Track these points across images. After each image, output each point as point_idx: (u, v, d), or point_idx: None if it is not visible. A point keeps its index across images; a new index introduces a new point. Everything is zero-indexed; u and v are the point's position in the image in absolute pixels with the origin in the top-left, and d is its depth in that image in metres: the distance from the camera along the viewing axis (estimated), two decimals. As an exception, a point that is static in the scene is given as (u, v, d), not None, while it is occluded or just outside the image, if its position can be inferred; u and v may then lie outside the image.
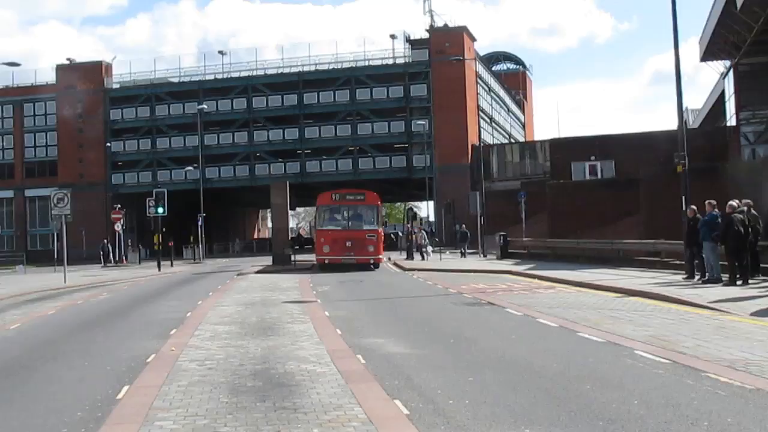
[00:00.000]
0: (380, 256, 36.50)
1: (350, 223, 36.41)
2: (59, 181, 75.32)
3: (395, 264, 40.37)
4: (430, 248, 45.80)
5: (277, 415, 8.22)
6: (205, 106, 68.62)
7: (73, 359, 12.54)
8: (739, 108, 51.48)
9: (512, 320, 15.75)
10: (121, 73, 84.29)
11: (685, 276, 22.28)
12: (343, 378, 9.99)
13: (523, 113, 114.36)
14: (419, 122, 66.28)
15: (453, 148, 71.48)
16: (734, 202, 20.28)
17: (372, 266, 35.61)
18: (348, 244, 35.00)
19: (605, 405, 8.18)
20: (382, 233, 37.92)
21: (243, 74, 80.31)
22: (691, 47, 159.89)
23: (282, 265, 40.12)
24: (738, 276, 19.99)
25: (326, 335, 14.03)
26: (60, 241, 41.55)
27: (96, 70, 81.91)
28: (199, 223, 60.74)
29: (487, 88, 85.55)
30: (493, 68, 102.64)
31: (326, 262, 35.29)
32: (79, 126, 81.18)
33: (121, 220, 58.62)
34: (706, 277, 21.11)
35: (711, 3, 45.58)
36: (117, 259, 59.12)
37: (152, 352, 12.54)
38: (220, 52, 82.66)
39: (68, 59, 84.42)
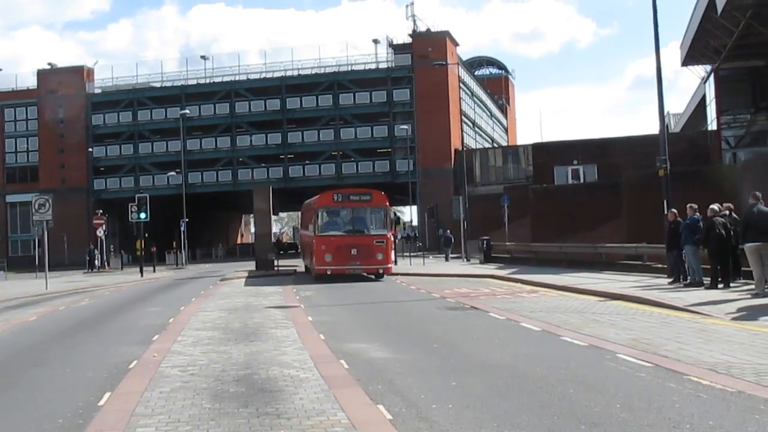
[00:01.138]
0: (390, 265, 31.60)
1: (355, 227, 31.32)
2: (41, 187, 75.02)
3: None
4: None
5: (260, 420, 8.18)
6: (188, 111, 68.42)
7: (54, 366, 12.45)
8: (719, 112, 51.82)
9: (495, 324, 15.75)
10: (103, 78, 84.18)
11: (669, 280, 22.36)
12: (326, 383, 9.96)
13: (506, 118, 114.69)
14: (402, 127, 66.36)
15: (436, 152, 71.63)
16: (716, 206, 20.38)
17: (379, 276, 31.25)
18: (353, 251, 30.27)
19: (588, 408, 8.19)
20: (392, 238, 33.10)
21: (226, 79, 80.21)
22: (672, 52, 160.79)
23: (265, 270, 39.99)
24: (719, 279, 20.08)
25: (309, 340, 13.99)
26: (41, 247, 41.34)
27: (78, 75, 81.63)
28: (182, 228, 60.59)
29: (469, 93, 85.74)
30: (476, 73, 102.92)
31: (328, 272, 30.36)
32: (61, 131, 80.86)
33: (103, 226, 58.36)
34: (688, 281, 21.20)
35: (692, 8, 45.88)
36: (99, 264, 58.86)
37: (134, 359, 12.47)
38: (203, 57, 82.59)
39: (49, 64, 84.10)
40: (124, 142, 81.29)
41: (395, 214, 31.50)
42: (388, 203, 32.16)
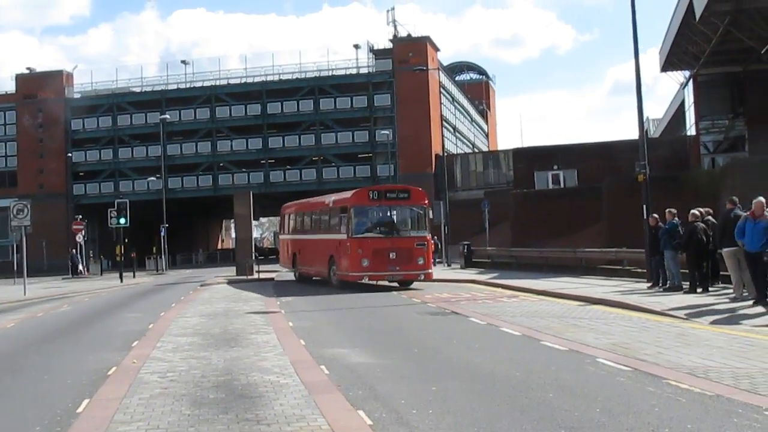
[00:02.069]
0: (431, 270, 28.36)
1: (393, 228, 28.39)
2: (19, 192, 74.39)
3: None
4: None
5: (240, 427, 8.15)
6: (168, 116, 68.19)
7: (32, 373, 12.36)
8: (698, 118, 52.14)
9: (476, 329, 15.77)
10: (83, 83, 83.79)
11: (649, 285, 22.48)
12: (307, 389, 9.94)
13: (487, 123, 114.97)
14: (383, 132, 66.41)
15: (417, 157, 71.72)
16: (697, 211, 20.52)
17: (403, 284, 28.55)
18: (392, 255, 27.09)
19: (568, 413, 8.21)
20: (432, 240, 30.08)
21: (206, 84, 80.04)
22: (651, 58, 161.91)
23: (246, 275, 39.90)
24: (698, 284, 20.21)
25: (290, 346, 13.96)
26: (20, 253, 41.03)
27: (57, 80, 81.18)
28: (162, 233, 60.34)
29: (450, 98, 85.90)
30: (457, 78, 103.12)
31: (365, 279, 27.44)
32: (40, 136, 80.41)
33: (83, 231, 57.99)
34: (667, 285, 21.32)
35: (671, 15, 46.17)
36: (84, 270, 58.47)
37: (113, 365, 12.39)
38: (183, 62, 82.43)
39: (28, 68, 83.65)
40: (103, 147, 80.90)
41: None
42: (427, 201, 29.09)
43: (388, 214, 28.50)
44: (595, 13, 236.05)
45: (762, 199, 16.70)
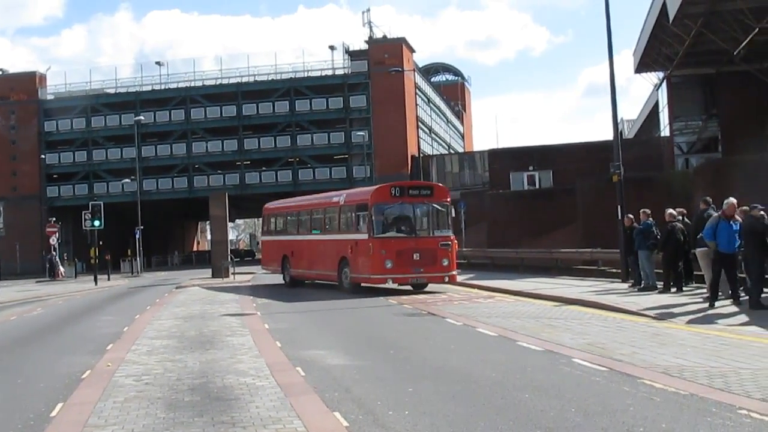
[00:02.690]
0: (455, 272, 26.56)
1: (416, 227, 26.48)
2: (-9, 195, 73.80)
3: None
4: None
5: (215, 429, 8.13)
6: (143, 118, 67.77)
7: (4, 376, 12.26)
8: (672, 119, 52.48)
9: (452, 330, 15.80)
10: (56, 84, 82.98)
11: (629, 285, 22.60)
12: (283, 391, 9.92)
13: (462, 124, 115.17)
14: (359, 133, 66.38)
15: (393, 158, 71.68)
16: (673, 211, 20.67)
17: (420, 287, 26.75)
18: (415, 256, 25.30)
19: (543, 413, 8.25)
20: (456, 241, 27.60)
21: (181, 85, 79.56)
22: (625, 59, 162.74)
23: (222, 277, 39.76)
24: (672, 284, 20.36)
25: (266, 348, 13.93)
26: (-7, 256, 40.68)
27: (30, 81, 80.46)
28: (137, 235, 59.97)
29: (426, 99, 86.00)
30: (432, 79, 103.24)
31: (389, 282, 25.69)
32: (12, 138, 79.64)
33: (57, 234, 57.51)
34: (642, 285, 21.45)
35: (644, 16, 46.45)
36: (63, 272, 57.93)
37: (88, 368, 12.32)
38: (158, 63, 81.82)
39: (1, 70, 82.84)
40: (77, 149, 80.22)
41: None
42: (449, 198, 27.34)
43: (411, 212, 26.41)
44: (570, 16, 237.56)
45: (734, 200, 16.83)
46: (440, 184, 28.25)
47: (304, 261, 31.18)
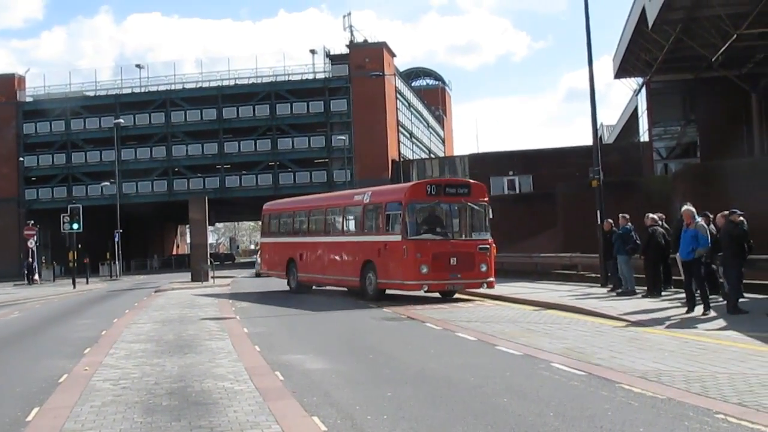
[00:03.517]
0: (493, 279, 23.84)
1: (453, 229, 23.91)
2: (-31, 198, 73.23)
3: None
4: None
5: (193, 434, 8.09)
6: (122, 121, 67.42)
7: (-19, 381, 12.16)
8: (651, 124, 52.86)
9: (431, 335, 15.81)
10: (35, 87, 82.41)
11: (608, 289, 22.68)
12: (261, 395, 9.89)
13: (443, 128, 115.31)
14: (339, 137, 66.33)
15: (373, 162, 71.64)
16: (654, 215, 20.76)
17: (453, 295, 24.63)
18: (452, 261, 22.99)
19: (522, 418, 8.25)
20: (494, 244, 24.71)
21: (161, 88, 79.18)
22: (604, 65, 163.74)
23: (201, 281, 39.61)
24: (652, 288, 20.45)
25: (244, 352, 13.88)
26: (-30, 259, 40.34)
27: (8, 83, 79.86)
28: (116, 239, 59.67)
29: (406, 104, 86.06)
30: (413, 84, 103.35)
31: (424, 289, 23.19)
32: (-10, 140, 79.06)
33: (35, 237, 57.13)
34: (621, 290, 21.53)
35: (624, 22, 46.74)
36: (33, 279, 57.54)
37: (65, 372, 12.23)
38: (138, 66, 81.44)
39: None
40: (56, 152, 79.72)
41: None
42: (487, 197, 24.86)
43: (448, 212, 23.91)
44: (550, 21, 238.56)
45: (690, 207, 16.92)
46: (478, 182, 25.66)
47: (316, 265, 28.66)
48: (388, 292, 24.63)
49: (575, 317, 17.57)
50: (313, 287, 29.74)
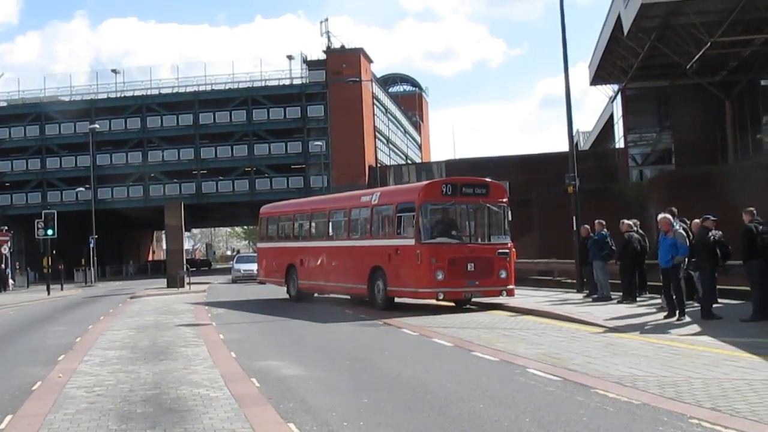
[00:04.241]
0: (513, 286, 22.23)
1: (470, 232, 22.35)
2: (-59, 203, 72.57)
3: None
4: None
5: (168, 441, 8.05)
6: (98, 126, 67.01)
7: (-47, 388, 12.03)
8: (626, 131, 53.16)
9: (408, 341, 15.82)
10: (9, 91, 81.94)
11: (584, 295, 22.76)
12: (237, 402, 9.85)
13: (420, 135, 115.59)
14: (316, 143, 66.34)
15: (350, 168, 71.70)
16: (629, 221, 20.87)
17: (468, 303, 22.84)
18: (470, 266, 21.31)
19: (497, 423, 8.27)
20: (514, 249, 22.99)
21: (137, 93, 78.97)
22: (580, 72, 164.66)
23: (177, 287, 39.43)
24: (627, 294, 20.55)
25: (220, 359, 13.82)
26: (-58, 265, 39.91)
27: (-18, 88, 79.33)
28: (91, 245, 59.30)
29: (383, 110, 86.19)
30: (390, 90, 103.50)
31: (440, 297, 21.43)
32: (-37, 145, 78.44)
33: (8, 243, 56.58)
34: (597, 295, 21.61)
35: (599, 30, 47.04)
36: (13, 283, 56.94)
37: (38, 379, 12.12)
38: (114, 71, 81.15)
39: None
40: (30, 157, 79.15)
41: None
42: (506, 198, 23.07)
43: (465, 213, 22.34)
44: (526, 28, 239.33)
45: (667, 215, 17.06)
46: (497, 182, 23.85)
47: (319, 271, 26.86)
48: (397, 300, 22.87)
49: (551, 323, 17.63)
50: (315, 295, 28.25)
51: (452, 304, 22.43)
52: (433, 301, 21.86)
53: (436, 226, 21.76)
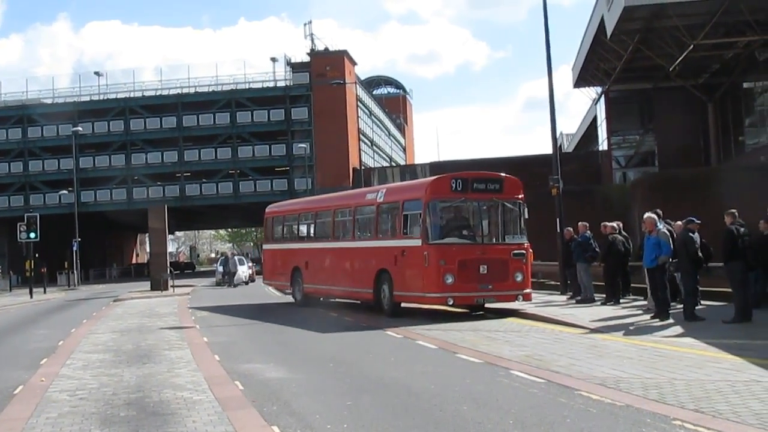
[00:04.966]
0: (530, 291, 20.57)
1: (483, 232, 20.72)
2: None
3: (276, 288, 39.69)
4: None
5: (151, 445, 8.01)
6: (81, 128, 66.71)
7: (-66, 392, 11.94)
8: (610, 133, 53.38)
9: (392, 343, 15.80)
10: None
11: (568, 297, 22.81)
12: (220, 405, 9.82)
13: (404, 137, 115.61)
14: (300, 145, 66.18)
15: (334, 171, 71.59)
16: (612, 224, 20.93)
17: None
18: (482, 269, 19.54)
19: (481, 425, 8.27)
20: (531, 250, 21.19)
21: (120, 96, 78.55)
22: (563, 74, 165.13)
23: (161, 290, 39.29)
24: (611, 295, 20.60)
25: (204, 361, 13.78)
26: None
27: (-37, 91, 78.82)
28: (74, 248, 59.01)
29: (368, 112, 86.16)
30: (374, 92, 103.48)
31: (450, 302, 19.80)
32: (-55, 148, 77.90)
33: (-9, 246, 56.35)
34: (580, 297, 21.66)
35: (583, 32, 47.20)
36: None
37: (20, 383, 12.05)
38: (97, 74, 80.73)
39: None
40: (12, 160, 78.63)
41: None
42: (522, 194, 21.12)
43: (476, 211, 20.62)
44: (509, 31, 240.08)
45: (652, 215, 17.14)
46: (511, 176, 21.55)
47: (324, 275, 25.25)
48: (405, 305, 21.15)
49: (535, 325, 17.65)
50: (321, 299, 26.39)
51: (465, 310, 21.08)
52: (446, 307, 20.48)
53: (445, 226, 20.23)
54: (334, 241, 24.91)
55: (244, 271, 47.51)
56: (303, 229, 28.06)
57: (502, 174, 21.25)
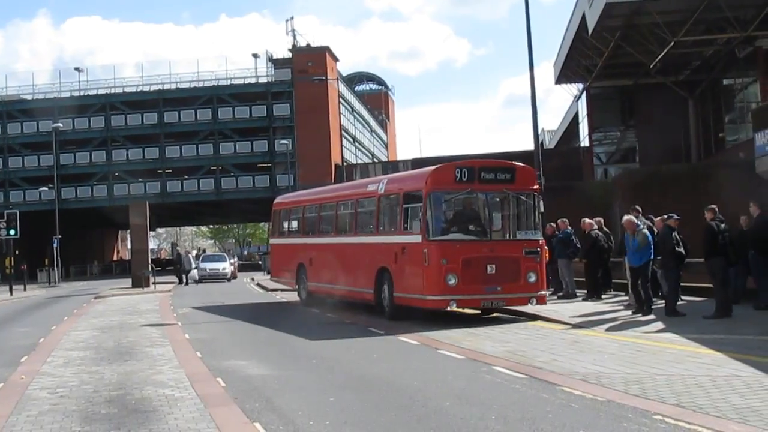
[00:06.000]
0: (544, 292, 18.53)
1: (492, 227, 18.46)
2: None
3: (258, 284, 39.85)
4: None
5: (132, 442, 7.98)
6: (61, 125, 66.18)
7: None
8: (591, 129, 53.56)
9: (375, 339, 15.80)
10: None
11: (549, 293, 22.81)
12: (202, 402, 9.79)
13: (386, 133, 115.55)
14: (282, 141, 65.99)
15: (316, 167, 71.42)
16: (593, 220, 21.01)
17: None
18: (490, 269, 17.47)
19: (464, 421, 8.28)
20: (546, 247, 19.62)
21: (101, 92, 78.05)
22: (544, 71, 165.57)
23: (142, 287, 39.14)
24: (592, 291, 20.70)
25: (186, 358, 13.73)
26: None
27: (-58, 87, 78.14)
28: (55, 245, 58.69)
29: (349, 108, 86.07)
30: (356, 88, 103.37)
31: (452, 306, 17.79)
32: None
33: (-30, 243, 55.88)
34: (562, 293, 21.75)
35: (564, 29, 47.35)
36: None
37: (0, 381, 11.98)
38: (77, 69, 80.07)
39: None
40: (-8, 156, 78.18)
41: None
42: (537, 185, 19.35)
43: (484, 204, 18.25)
44: (490, 28, 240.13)
45: (630, 217, 17.24)
46: (524, 165, 19.57)
47: (327, 273, 23.41)
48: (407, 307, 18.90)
49: (517, 320, 17.71)
50: (327, 300, 23.57)
51: (477, 311, 19.50)
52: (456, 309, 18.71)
53: (448, 220, 18.28)
54: (336, 236, 23.09)
55: (220, 269, 48.26)
56: (309, 222, 26.13)
57: (515, 163, 19.24)
